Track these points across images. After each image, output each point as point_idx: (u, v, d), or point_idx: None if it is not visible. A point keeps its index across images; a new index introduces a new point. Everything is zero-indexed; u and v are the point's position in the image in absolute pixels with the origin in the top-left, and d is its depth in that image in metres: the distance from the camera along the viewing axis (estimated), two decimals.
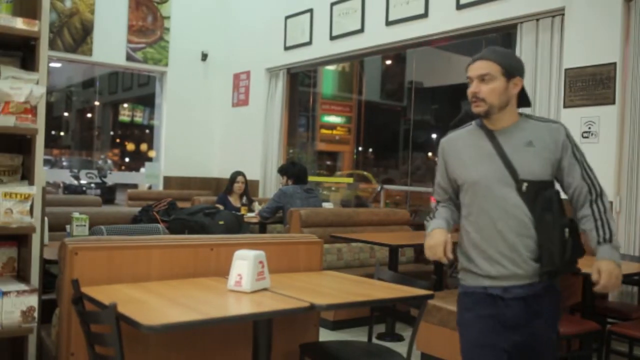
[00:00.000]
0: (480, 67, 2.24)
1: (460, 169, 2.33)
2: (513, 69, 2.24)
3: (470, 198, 2.31)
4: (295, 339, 2.99)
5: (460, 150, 2.34)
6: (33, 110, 2.64)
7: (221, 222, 4.36)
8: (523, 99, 2.32)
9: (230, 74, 8.89)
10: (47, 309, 2.91)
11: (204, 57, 8.96)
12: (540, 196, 2.18)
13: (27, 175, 2.81)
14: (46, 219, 3.22)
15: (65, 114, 22.36)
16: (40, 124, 2.78)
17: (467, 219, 2.33)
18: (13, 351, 2.84)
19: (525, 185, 2.18)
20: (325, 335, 4.22)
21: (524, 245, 2.20)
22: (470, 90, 2.24)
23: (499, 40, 5.78)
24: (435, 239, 2.29)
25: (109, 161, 21.09)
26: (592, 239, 2.17)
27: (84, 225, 3.52)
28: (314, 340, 3.13)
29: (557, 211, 2.17)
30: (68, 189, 14.76)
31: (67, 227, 3.66)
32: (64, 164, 18.79)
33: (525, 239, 2.20)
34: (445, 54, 10.45)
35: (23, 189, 2.62)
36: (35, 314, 2.56)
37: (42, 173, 2.95)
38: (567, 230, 2.15)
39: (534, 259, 2.20)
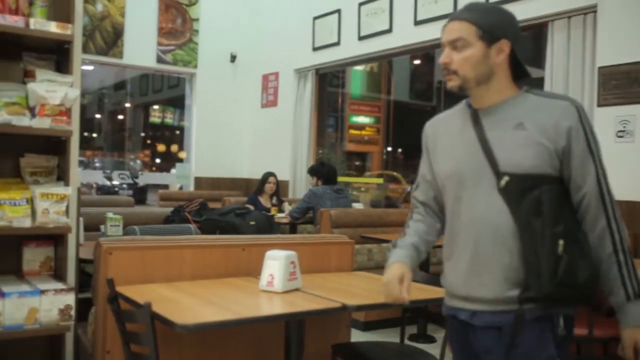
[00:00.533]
0: (451, 30, 1.72)
1: (435, 161, 1.88)
2: (495, 30, 1.69)
3: (446, 198, 1.85)
4: (327, 340, 2.99)
5: (441, 136, 1.87)
6: (68, 113, 2.69)
7: (252, 223, 4.39)
8: (518, 69, 1.76)
9: (259, 75, 8.93)
10: (83, 308, 2.96)
11: (233, 58, 9.02)
12: (527, 195, 1.62)
13: (62, 176, 2.86)
14: (81, 219, 3.27)
15: (98, 115, 22.73)
16: (75, 125, 2.82)
17: (447, 224, 1.87)
18: (51, 349, 2.90)
19: (505, 179, 1.65)
20: (357, 336, 4.22)
21: (499, 261, 1.67)
22: (440, 61, 1.74)
23: (528, 39, 5.70)
24: (390, 275, 1.84)
25: (138, 162, 21.36)
26: (615, 291, 1.64)
27: (118, 225, 3.58)
28: (346, 341, 3.12)
29: (548, 216, 1.60)
30: (101, 189, 15.00)
31: (102, 227, 3.71)
32: (97, 165, 19.11)
33: (503, 252, 1.66)
34: None
35: (59, 189, 2.66)
36: (73, 312, 2.60)
37: (77, 174, 3.00)
38: (561, 242, 1.58)
39: (514, 280, 1.66)
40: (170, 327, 1.96)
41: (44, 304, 2.54)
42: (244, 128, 9.06)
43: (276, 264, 2.45)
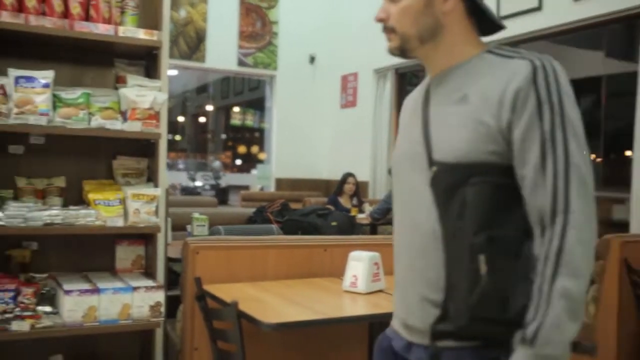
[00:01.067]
0: None
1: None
2: None
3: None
4: None
5: (402, 114, 1.49)
6: (157, 116, 2.78)
7: (334, 223, 4.41)
8: (482, 19, 1.32)
9: (338, 76, 8.95)
10: (171, 305, 3.06)
11: (312, 60, 9.08)
12: (458, 192, 1.20)
13: (152, 178, 2.97)
14: (169, 219, 3.38)
15: (181, 119, 23.48)
16: (163, 128, 2.92)
17: None
18: (142, 344, 3.01)
19: (434, 170, 1.24)
20: None
21: (424, 277, 1.27)
22: (375, 17, 1.36)
23: (621, 31, 5.44)
24: None
25: (217, 162, 21.87)
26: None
27: (204, 225, 3.67)
28: None
29: (470, 220, 1.17)
30: (184, 190, 15.47)
31: (188, 227, 3.82)
32: (180, 166, 19.74)
33: (429, 267, 1.25)
34: (561, 48, 9.98)
35: (149, 190, 2.76)
36: (162, 309, 2.69)
37: (166, 175, 3.10)
38: (482, 258, 1.15)
39: (435, 304, 1.24)
40: (256, 326, 1.99)
41: (136, 300, 2.64)
42: (323, 129, 9.10)
43: (360, 265, 2.45)
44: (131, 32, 2.75)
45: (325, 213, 4.59)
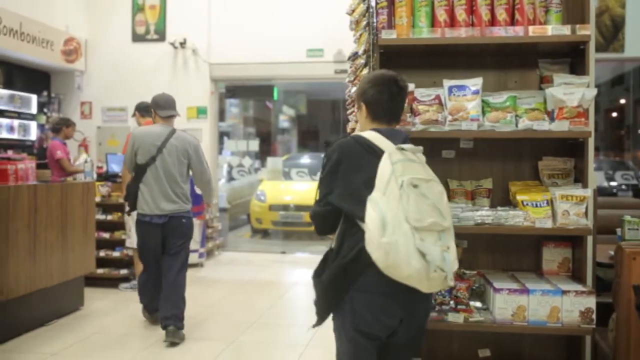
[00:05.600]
0: None
1: None
2: None
3: None
4: None
5: None
6: (585, 114, 2.67)
7: None
8: None
9: None
10: (599, 312, 2.89)
11: None
12: None
13: (579, 178, 2.86)
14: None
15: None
16: (591, 126, 2.78)
17: None
18: (568, 350, 2.93)
19: None
20: None
21: None
22: None
23: None
24: None
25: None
26: None
27: (637, 229, 3.36)
28: None
29: None
30: (600, 191, 14.53)
31: (617, 230, 3.55)
32: (593, 165, 18.54)
33: None
34: None
35: (578, 191, 2.67)
36: (593, 316, 2.57)
37: (594, 176, 2.95)
38: None
39: None
40: None
41: (565, 304, 2.59)
42: None
43: None
44: (558, 29, 2.69)
45: None
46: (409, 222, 1.95)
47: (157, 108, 4.39)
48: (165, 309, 4.27)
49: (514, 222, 2.66)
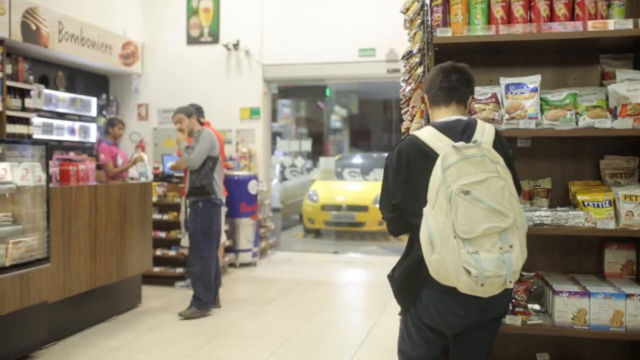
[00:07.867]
0: None
1: None
2: None
3: None
4: None
5: None
6: None
7: None
8: None
9: None
10: None
11: None
12: None
13: None
14: None
15: None
16: None
17: None
18: (633, 356, 2.83)
19: None
20: None
21: None
22: None
23: None
24: None
25: None
26: None
27: None
28: None
29: None
30: None
31: None
32: None
33: None
34: None
35: None
36: None
37: None
38: None
39: None
40: None
41: (630, 308, 2.50)
42: None
43: None
44: (621, 24, 2.60)
45: None
46: (457, 236, 1.96)
47: (199, 114, 5.38)
48: (216, 284, 5.27)
49: (575, 223, 2.59)
